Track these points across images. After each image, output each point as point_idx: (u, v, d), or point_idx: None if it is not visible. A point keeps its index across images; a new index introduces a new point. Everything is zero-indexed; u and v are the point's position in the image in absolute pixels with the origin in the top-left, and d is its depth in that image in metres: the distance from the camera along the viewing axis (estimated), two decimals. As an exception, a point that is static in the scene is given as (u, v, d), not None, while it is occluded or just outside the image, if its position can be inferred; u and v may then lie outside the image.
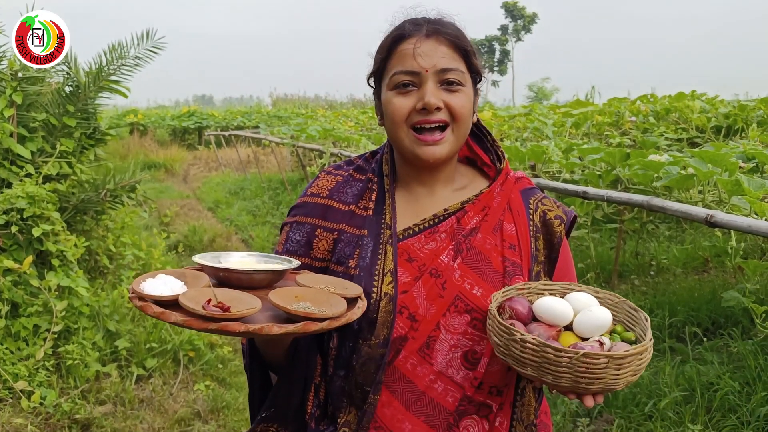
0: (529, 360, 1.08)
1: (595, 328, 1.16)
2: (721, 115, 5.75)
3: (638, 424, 3.36)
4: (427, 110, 1.24)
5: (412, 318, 1.26)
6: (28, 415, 3.37)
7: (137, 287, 1.08)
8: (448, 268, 1.27)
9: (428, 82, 1.24)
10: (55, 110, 4.46)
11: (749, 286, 2.98)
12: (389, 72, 1.28)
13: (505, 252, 1.30)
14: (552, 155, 4.09)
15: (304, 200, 1.40)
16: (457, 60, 1.27)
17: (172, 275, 1.15)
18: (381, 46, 1.32)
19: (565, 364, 1.05)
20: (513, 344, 1.09)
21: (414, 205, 1.36)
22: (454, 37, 1.27)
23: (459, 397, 1.26)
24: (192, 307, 1.01)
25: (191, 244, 7.63)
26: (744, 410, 3.27)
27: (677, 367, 3.80)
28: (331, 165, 1.46)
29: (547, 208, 1.38)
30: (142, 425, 3.48)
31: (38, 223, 3.85)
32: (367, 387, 1.25)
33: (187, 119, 22.59)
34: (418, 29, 1.27)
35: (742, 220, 2.14)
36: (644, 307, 4.68)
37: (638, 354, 1.07)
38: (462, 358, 1.25)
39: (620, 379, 1.06)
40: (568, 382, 1.06)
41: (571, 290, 1.26)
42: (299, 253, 1.36)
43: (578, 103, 8.30)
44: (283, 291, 1.13)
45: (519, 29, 70.36)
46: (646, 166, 3.05)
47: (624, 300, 1.25)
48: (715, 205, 2.79)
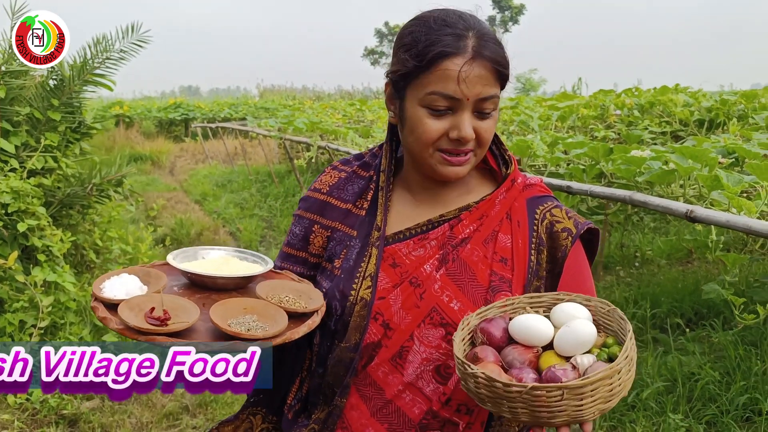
0: (485, 395, 0.99)
1: (576, 345, 1.04)
2: (703, 108, 5.81)
3: (621, 414, 3.41)
4: (461, 142, 1.17)
5: (386, 326, 1.22)
6: (14, 411, 3.38)
7: (97, 286, 1.08)
8: (429, 278, 1.22)
9: (466, 111, 1.16)
10: (39, 104, 4.43)
11: (729, 278, 3.04)
12: (424, 86, 1.17)
13: (494, 265, 1.23)
14: (537, 149, 4.12)
15: (307, 194, 1.39)
16: (496, 86, 1.18)
17: (137, 274, 1.15)
18: (415, 49, 1.18)
19: (519, 399, 0.95)
20: (468, 379, 1.01)
21: (413, 207, 1.30)
22: (499, 64, 1.17)
23: (425, 409, 1.21)
24: (125, 318, 0.99)
25: (178, 237, 7.62)
26: (724, 399, 3.33)
27: (660, 357, 3.86)
28: (340, 159, 1.42)
29: (556, 219, 1.27)
30: (130, 420, 3.49)
31: (23, 218, 3.84)
32: (335, 388, 1.24)
33: (173, 111, 22.44)
34: (464, 47, 1.15)
35: (720, 215, 2.18)
36: (629, 298, 4.74)
37: (604, 380, 0.95)
38: (434, 372, 1.20)
39: (586, 409, 0.95)
40: (527, 417, 0.97)
41: (560, 301, 1.15)
42: (298, 246, 1.36)
43: (564, 96, 8.34)
44: (234, 302, 1.12)
45: (506, 20, 70.28)
46: (628, 161, 3.09)
47: (614, 308, 1.11)
48: (696, 200, 2.83)
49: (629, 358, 0.99)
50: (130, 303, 1.05)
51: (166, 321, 1.01)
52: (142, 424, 3.46)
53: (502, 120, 7.16)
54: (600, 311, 1.12)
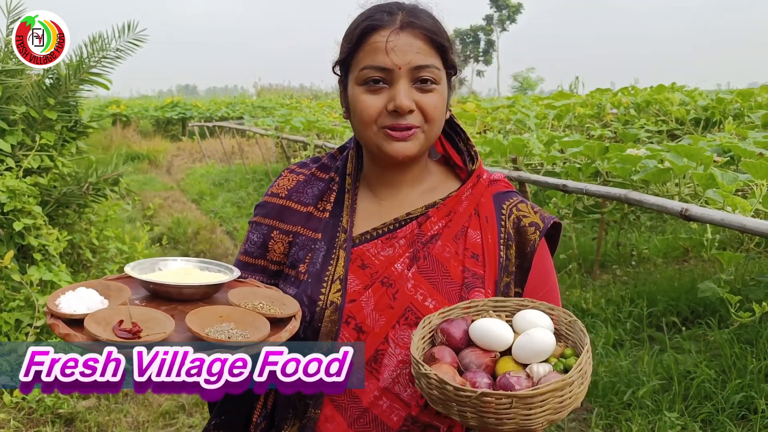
0: (436, 396, 0.99)
1: (533, 353, 1.04)
2: (699, 107, 5.82)
3: (617, 412, 3.42)
4: (399, 113, 1.14)
5: (359, 329, 1.17)
6: (11, 410, 3.37)
7: (52, 303, 1.02)
8: (401, 277, 1.18)
9: (401, 81, 1.14)
10: (35, 103, 4.42)
11: (724, 277, 3.04)
12: (358, 65, 1.17)
13: (466, 262, 1.21)
14: (533, 148, 4.13)
15: (264, 200, 1.33)
16: (433, 56, 1.16)
17: (96, 287, 1.09)
18: (349, 34, 1.20)
19: (468, 404, 0.95)
20: (421, 378, 1.01)
21: (377, 207, 1.27)
22: (431, 31, 1.16)
23: (404, 415, 1.16)
24: (93, 332, 0.95)
25: (175, 236, 7.62)
26: (719, 397, 3.34)
27: (656, 355, 3.87)
28: (297, 162, 1.38)
29: (523, 214, 1.26)
30: (127, 419, 3.49)
31: (19, 217, 3.83)
32: (308, 400, 1.18)
33: (170, 110, 22.44)
34: (392, 19, 1.16)
35: (715, 213, 2.19)
36: (625, 296, 4.75)
37: (554, 392, 0.95)
38: (410, 375, 1.13)
39: (534, 419, 0.95)
40: (475, 422, 0.97)
41: (524, 307, 1.13)
42: (256, 254, 1.30)
43: (561, 94, 8.35)
44: (208, 310, 1.07)
45: (504, 19, 70.35)
46: (624, 160, 3.09)
47: (576, 320, 1.10)
48: (691, 198, 2.84)
49: (583, 371, 0.99)
50: (95, 317, 1.00)
51: (138, 333, 0.97)
52: (138, 423, 3.46)
53: (498, 119, 7.17)
54: (562, 321, 1.12)
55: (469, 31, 71.90)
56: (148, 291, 1.15)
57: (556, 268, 4.44)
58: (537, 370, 1.02)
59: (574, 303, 4.72)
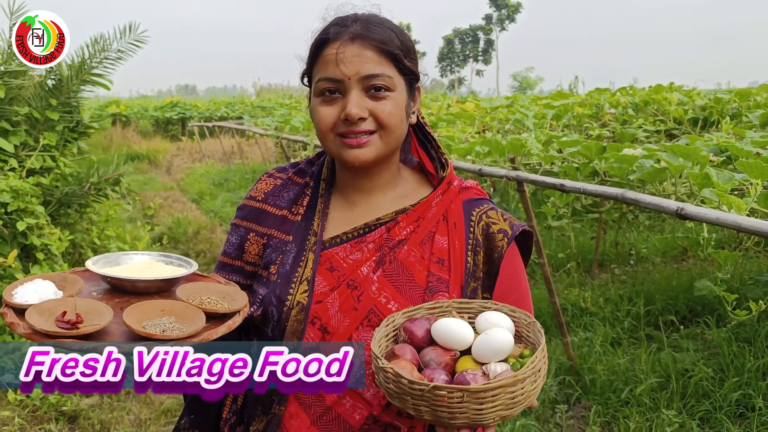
0: (392, 390, 1.02)
1: (491, 352, 1.06)
2: (697, 107, 5.85)
3: (615, 410, 3.45)
4: (350, 121, 1.18)
5: (324, 330, 1.20)
6: (15, 407, 3.41)
7: (8, 293, 1.06)
8: (366, 280, 1.22)
9: (352, 91, 1.18)
10: (37, 104, 4.46)
11: (721, 275, 3.07)
12: (314, 77, 1.23)
13: (432, 266, 1.24)
14: (531, 148, 4.16)
15: (243, 203, 1.37)
16: (384, 65, 1.20)
17: (54, 279, 1.11)
18: (309, 47, 1.26)
19: (422, 397, 0.98)
20: (378, 372, 1.04)
21: (349, 212, 1.30)
22: (380, 41, 1.20)
23: (366, 414, 1.19)
24: (33, 322, 0.98)
25: (175, 236, 7.65)
26: (717, 395, 3.37)
27: (654, 354, 3.90)
28: (276, 167, 1.42)
29: (492, 221, 1.28)
30: (129, 416, 3.52)
31: (22, 217, 3.86)
32: (273, 396, 1.21)
33: (170, 110, 22.47)
34: (342, 32, 1.20)
35: (710, 212, 2.21)
36: (623, 295, 4.79)
37: (505, 387, 0.97)
38: (373, 375, 1.15)
39: (486, 413, 0.98)
40: (429, 416, 1.00)
41: (487, 309, 1.17)
42: (233, 255, 1.34)
43: (560, 94, 8.38)
44: (149, 305, 1.09)
45: (503, 18, 70.38)
46: (621, 160, 3.12)
47: (534, 321, 1.14)
48: (687, 198, 2.87)
49: (536, 369, 1.01)
50: (40, 307, 1.02)
51: (77, 324, 0.99)
52: (140, 421, 3.49)
53: (497, 119, 7.20)
54: (522, 323, 1.15)
55: (468, 31, 71.93)
56: (107, 284, 1.17)
57: (555, 267, 4.47)
58: (494, 368, 1.04)
59: (572, 302, 4.75)
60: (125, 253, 1.26)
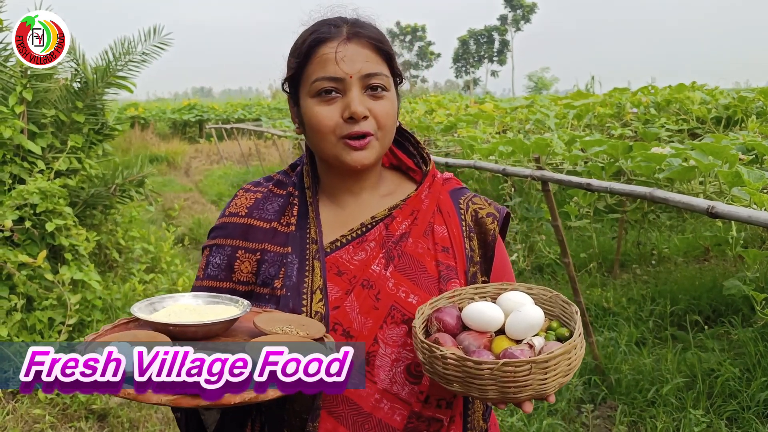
0: (453, 376, 1.02)
1: (527, 328, 1.10)
2: (721, 106, 5.80)
3: (641, 410, 3.44)
4: (355, 119, 1.17)
5: (347, 334, 1.18)
6: (45, 406, 3.45)
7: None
8: (381, 278, 1.21)
9: (353, 89, 1.17)
10: (63, 106, 4.52)
11: (749, 275, 3.05)
12: (309, 78, 1.20)
13: (439, 255, 1.25)
14: (556, 147, 4.15)
15: (222, 221, 1.31)
16: (380, 64, 1.20)
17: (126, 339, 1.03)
18: (296, 49, 1.23)
19: (488, 376, 0.99)
20: (435, 361, 1.04)
21: (340, 215, 1.29)
22: (377, 40, 1.20)
23: (407, 414, 1.18)
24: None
25: (196, 237, 7.70)
26: (744, 396, 3.35)
27: (679, 354, 3.88)
28: (249, 182, 1.38)
29: (478, 206, 1.32)
30: (157, 415, 3.56)
31: (51, 218, 3.92)
32: (304, 415, 1.17)
33: (187, 112, 22.64)
34: (338, 31, 1.20)
35: (742, 211, 2.20)
36: (646, 295, 4.76)
37: (565, 354, 1.01)
38: (405, 372, 1.17)
39: (549, 382, 1.01)
40: (495, 394, 1.01)
41: (504, 290, 1.20)
42: (220, 278, 1.27)
43: (579, 94, 8.34)
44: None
45: (518, 19, 70.20)
46: (648, 159, 3.11)
47: (557, 294, 1.18)
48: (716, 196, 2.85)
49: (582, 335, 1.06)
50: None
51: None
52: (169, 419, 3.53)
53: (517, 119, 7.19)
54: (542, 298, 1.20)
55: (483, 32, 71.81)
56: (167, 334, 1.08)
57: (577, 267, 4.50)
58: (537, 341, 1.08)
59: (595, 302, 4.74)
60: (162, 298, 1.19)
